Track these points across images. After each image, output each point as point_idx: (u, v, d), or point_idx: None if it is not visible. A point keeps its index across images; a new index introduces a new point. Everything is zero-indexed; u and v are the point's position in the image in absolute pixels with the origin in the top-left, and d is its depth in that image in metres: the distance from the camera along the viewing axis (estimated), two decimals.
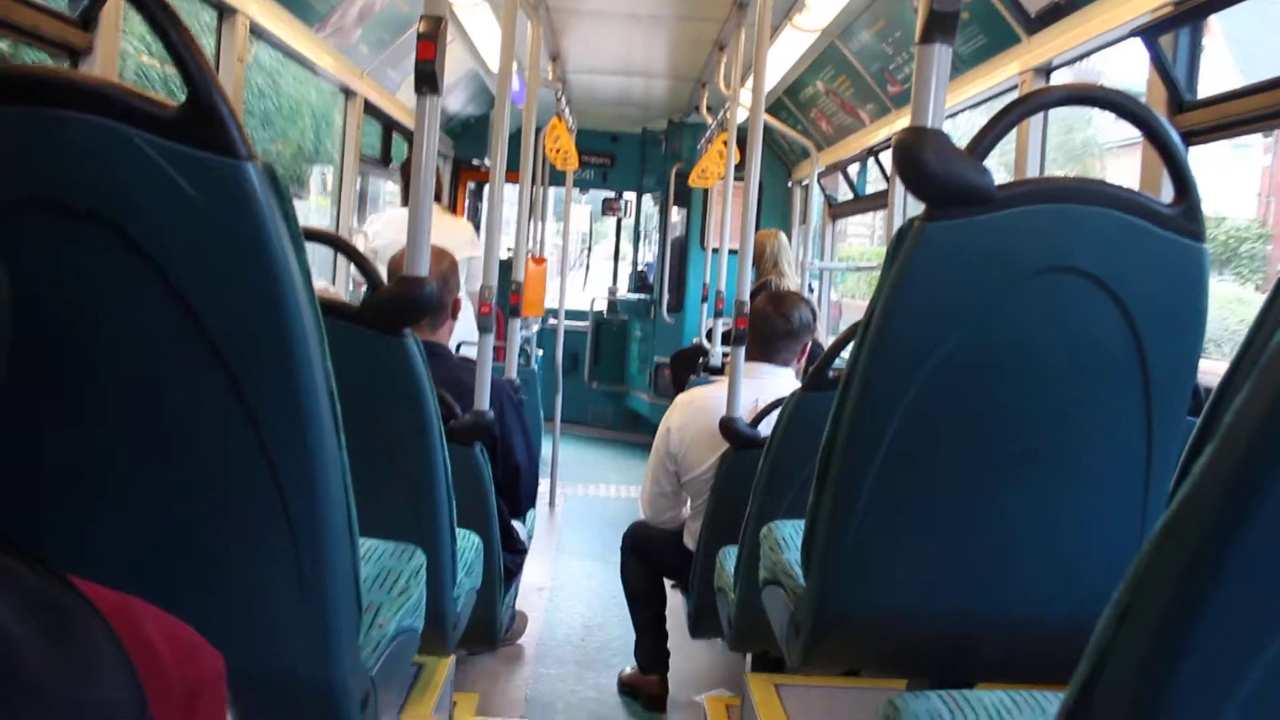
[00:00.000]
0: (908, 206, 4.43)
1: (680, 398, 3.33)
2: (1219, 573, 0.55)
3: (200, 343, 1.08)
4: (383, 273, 2.76)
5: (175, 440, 1.14)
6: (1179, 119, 2.55)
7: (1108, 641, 0.62)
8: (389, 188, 6.33)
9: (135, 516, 1.16)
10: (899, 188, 4.42)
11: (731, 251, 4.61)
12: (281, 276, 1.06)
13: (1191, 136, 2.54)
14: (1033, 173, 3.37)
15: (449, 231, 4.41)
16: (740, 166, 4.15)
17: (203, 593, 1.17)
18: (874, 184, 6.03)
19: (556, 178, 7.43)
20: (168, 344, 1.09)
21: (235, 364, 1.09)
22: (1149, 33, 2.59)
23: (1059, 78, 3.32)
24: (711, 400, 3.11)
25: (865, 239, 10.82)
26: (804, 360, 3.23)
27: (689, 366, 5.20)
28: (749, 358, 3.09)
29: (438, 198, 4.53)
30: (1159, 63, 2.60)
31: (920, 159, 1.31)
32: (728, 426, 2.82)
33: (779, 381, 3.08)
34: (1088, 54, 3.12)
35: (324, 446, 1.14)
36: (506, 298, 3.66)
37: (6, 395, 1.10)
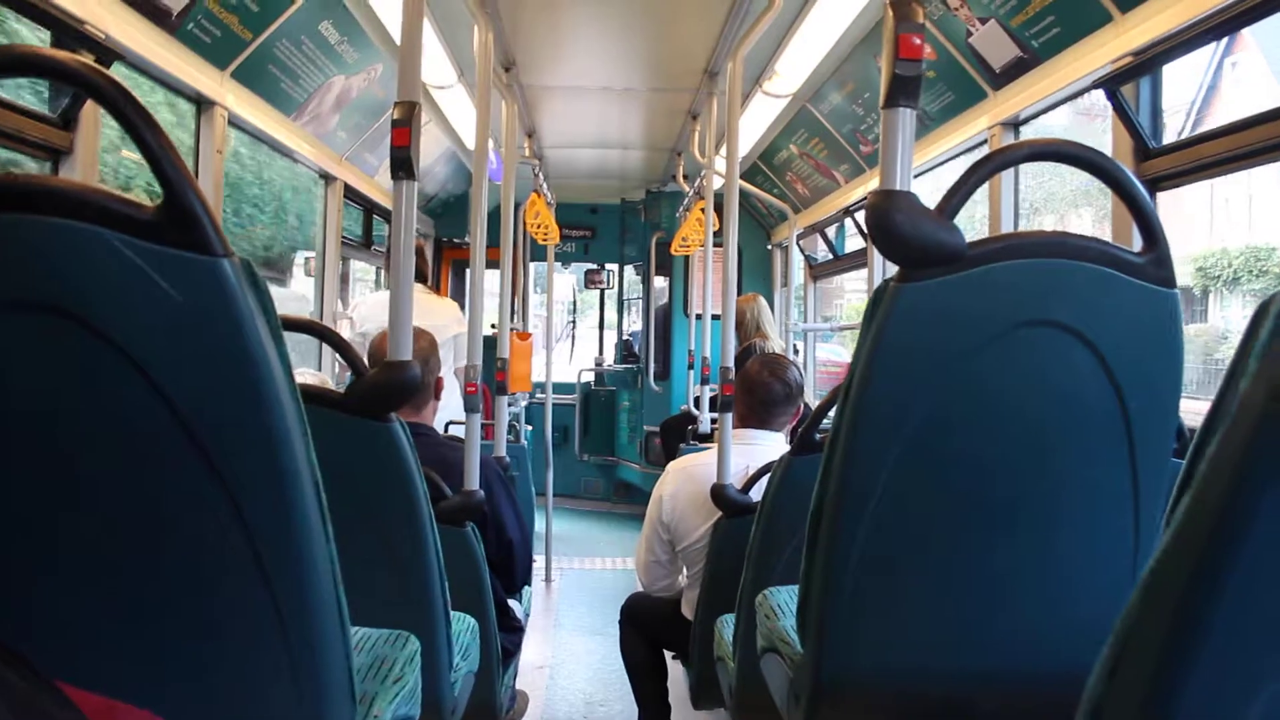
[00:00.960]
0: (886, 264, 4.47)
1: (672, 465, 3.32)
2: (1202, 626, 0.55)
3: (183, 438, 1.08)
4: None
5: (160, 538, 1.13)
6: (1145, 166, 2.60)
7: (1100, 698, 0.62)
8: (359, 265, 6.35)
9: (120, 617, 1.15)
10: None
11: (715, 317, 4.63)
12: (262, 370, 1.07)
13: (1158, 183, 2.59)
14: (1007, 225, 3.41)
15: (436, 311, 4.44)
16: (719, 233, 4.18)
17: (191, 692, 1.16)
18: (853, 242, 6.08)
19: (538, 252, 7.47)
20: (150, 441, 1.09)
21: (218, 459, 1.09)
22: (1110, 83, 2.65)
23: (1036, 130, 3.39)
24: (703, 467, 3.10)
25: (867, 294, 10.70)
26: (796, 423, 3.23)
27: (678, 435, 5.19)
28: (742, 424, 3.09)
29: (424, 279, 4.57)
30: (1122, 112, 2.65)
31: (890, 221, 1.33)
32: (719, 494, 2.81)
33: (770, 446, 3.08)
34: (1053, 107, 3.18)
35: (311, 538, 1.14)
36: (493, 375, 3.66)
37: None
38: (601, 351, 9.70)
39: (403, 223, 1.94)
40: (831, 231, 6.27)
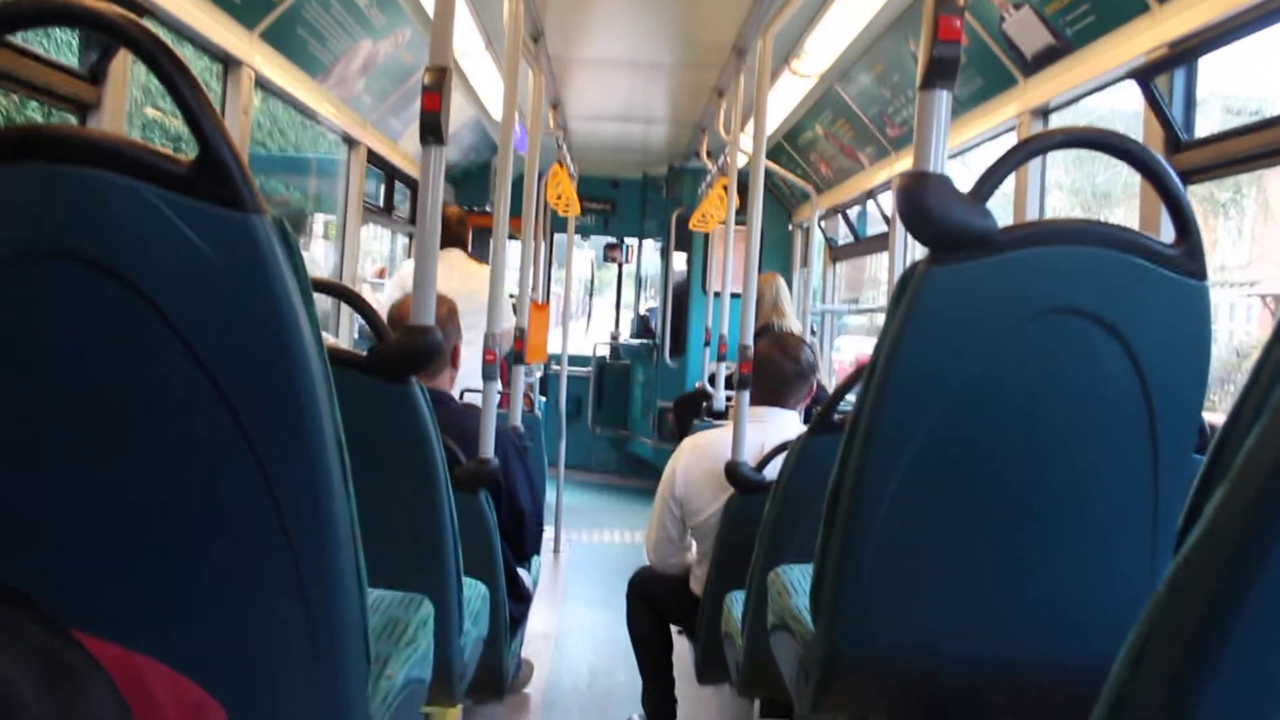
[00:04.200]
0: (909, 249, 4.46)
1: (686, 441, 3.32)
2: (1233, 618, 0.55)
3: (210, 393, 1.08)
4: None
5: (182, 491, 1.14)
6: (1176, 159, 2.57)
7: (1122, 688, 0.61)
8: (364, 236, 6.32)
9: (141, 568, 1.16)
10: (899, 230, 4.46)
11: (733, 295, 4.62)
12: (290, 328, 1.07)
13: (1189, 176, 2.56)
14: (1033, 214, 3.39)
15: (478, 276, 4.39)
16: (740, 210, 4.16)
17: (208, 647, 1.16)
18: (874, 226, 6.06)
19: (558, 224, 7.46)
20: (177, 395, 1.09)
21: (244, 415, 1.09)
22: (1144, 74, 2.62)
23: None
24: (717, 444, 3.10)
25: None
26: (808, 403, 3.23)
27: (692, 411, 5.18)
28: (755, 402, 3.08)
29: (465, 245, 4.56)
30: (1155, 103, 2.62)
31: (922, 203, 1.32)
32: (733, 470, 2.81)
33: (784, 425, 3.08)
34: (1083, 96, 3.15)
35: (333, 498, 1.14)
36: (510, 344, 3.66)
37: (16, 445, 1.10)
38: (618, 326, 9.70)
39: (430, 188, 1.93)
40: (853, 214, 6.24)
